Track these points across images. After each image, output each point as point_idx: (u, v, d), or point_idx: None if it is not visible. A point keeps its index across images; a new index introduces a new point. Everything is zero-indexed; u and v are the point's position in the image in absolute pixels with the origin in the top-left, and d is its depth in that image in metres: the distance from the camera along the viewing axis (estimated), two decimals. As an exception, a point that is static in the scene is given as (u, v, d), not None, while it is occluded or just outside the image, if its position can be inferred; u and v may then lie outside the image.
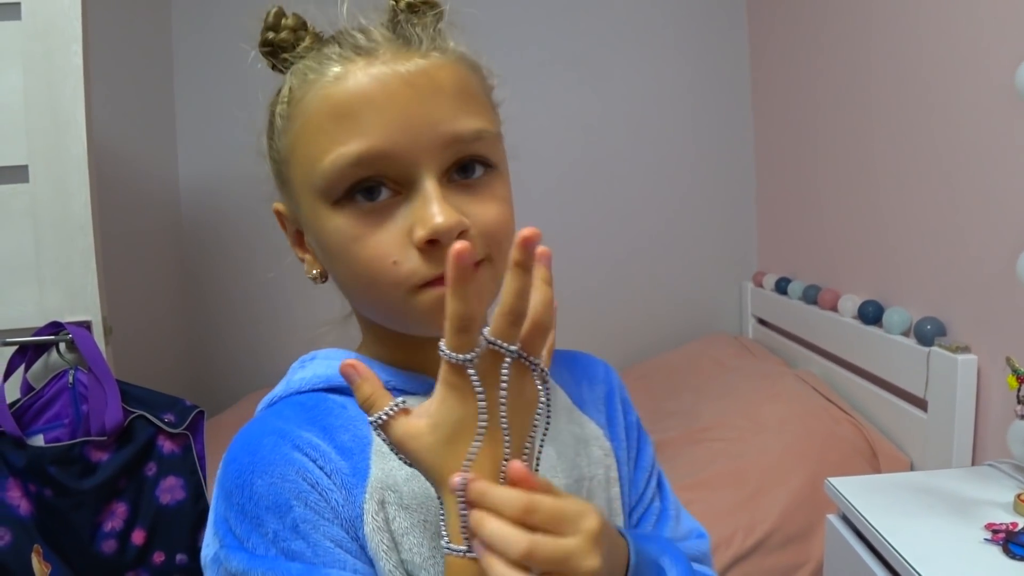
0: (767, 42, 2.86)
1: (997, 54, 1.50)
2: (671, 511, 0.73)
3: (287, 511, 0.53)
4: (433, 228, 0.52)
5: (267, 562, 0.52)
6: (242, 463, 0.55)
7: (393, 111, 0.53)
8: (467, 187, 0.56)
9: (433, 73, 0.55)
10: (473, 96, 0.58)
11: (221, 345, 3.11)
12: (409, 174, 0.54)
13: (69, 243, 1.60)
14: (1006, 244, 1.49)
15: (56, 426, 1.51)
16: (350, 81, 0.54)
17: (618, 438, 0.72)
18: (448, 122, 0.54)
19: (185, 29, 3.00)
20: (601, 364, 0.78)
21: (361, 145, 0.53)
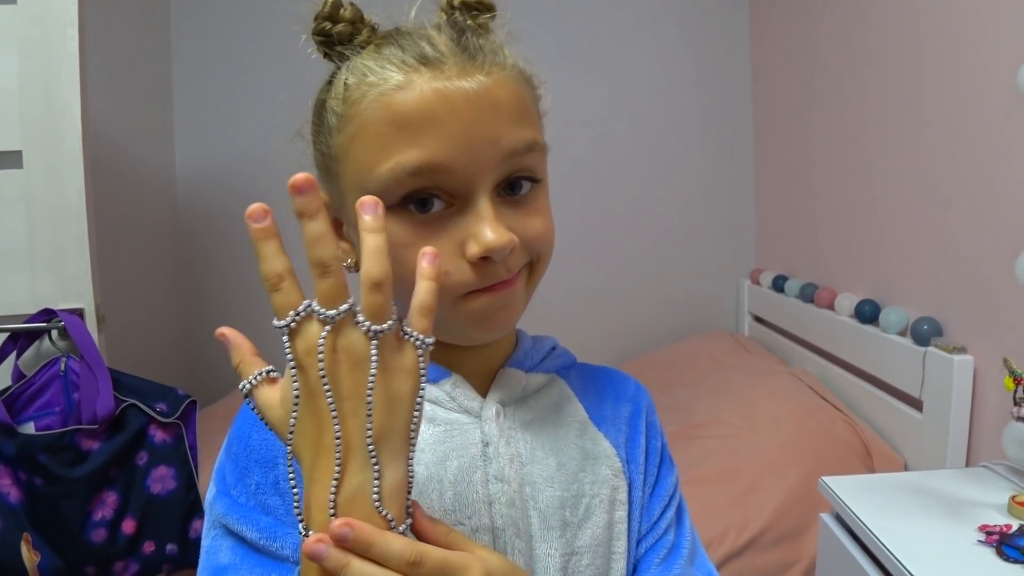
0: (768, 40, 2.85)
1: (998, 54, 1.49)
2: (685, 548, 0.70)
3: (272, 467, 0.57)
4: (487, 246, 0.54)
5: (244, 511, 0.56)
6: (247, 417, 0.60)
7: (455, 127, 0.54)
8: (514, 203, 0.58)
9: (494, 91, 0.56)
10: (527, 110, 0.59)
11: (214, 336, 3.09)
12: (464, 189, 0.55)
13: (63, 230, 1.59)
14: (1004, 245, 1.48)
15: (47, 414, 1.50)
16: (414, 92, 0.54)
17: (636, 461, 0.71)
18: (504, 140, 0.55)
19: (183, 15, 2.98)
20: (633, 383, 0.77)
21: (421, 157, 0.54)
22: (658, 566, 0.68)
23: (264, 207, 0.46)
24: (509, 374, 0.67)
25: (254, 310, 3.08)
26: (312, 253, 0.45)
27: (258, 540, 0.55)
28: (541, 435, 0.65)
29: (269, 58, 2.99)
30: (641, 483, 0.70)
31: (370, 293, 0.45)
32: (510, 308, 0.59)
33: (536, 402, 0.68)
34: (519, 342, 0.70)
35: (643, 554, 0.69)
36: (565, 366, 0.73)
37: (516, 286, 0.58)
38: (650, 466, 0.72)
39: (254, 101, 3.01)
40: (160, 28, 2.93)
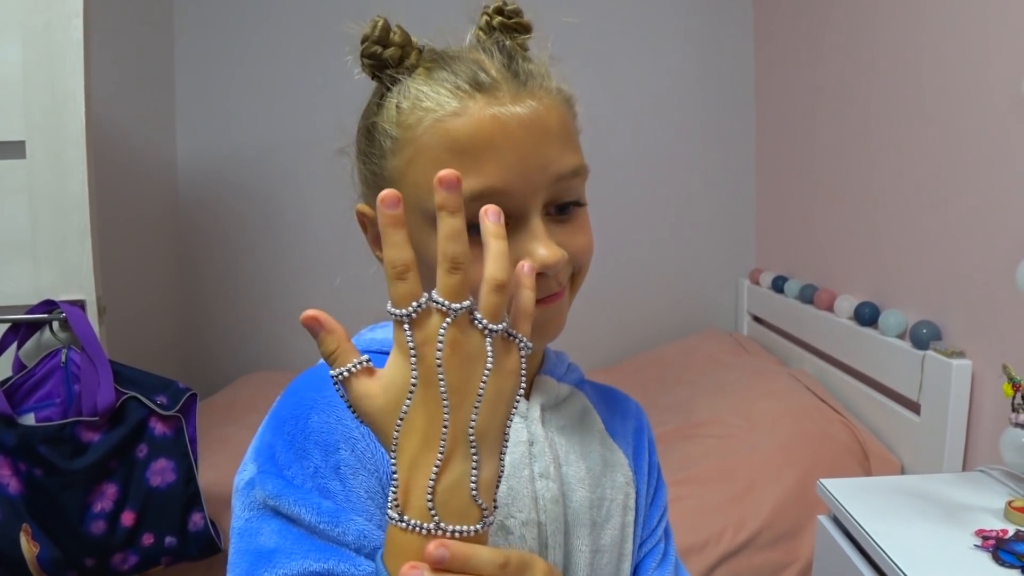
0: (771, 42, 2.84)
1: (1001, 60, 1.50)
2: (672, 558, 0.77)
3: (334, 451, 0.56)
4: (543, 263, 0.56)
5: (301, 493, 0.54)
6: (303, 397, 0.59)
7: (511, 153, 0.56)
8: (562, 221, 0.61)
9: (545, 115, 0.58)
10: (571, 134, 0.62)
11: (216, 327, 3.10)
12: (518, 210, 0.58)
13: (65, 221, 1.59)
14: (1005, 251, 1.48)
15: (47, 405, 1.51)
16: (471, 119, 0.57)
17: (641, 471, 0.76)
18: (555, 163, 0.58)
19: (186, 5, 2.98)
20: (633, 403, 0.82)
21: (480, 183, 0.56)
22: (654, 570, 0.75)
23: (397, 195, 0.45)
24: (546, 381, 0.71)
25: (254, 301, 3.09)
26: (446, 247, 0.45)
27: (317, 524, 0.53)
28: (572, 440, 0.70)
29: (271, 49, 2.99)
30: (645, 492, 0.76)
31: (491, 294, 0.46)
32: (559, 317, 0.62)
33: (567, 409, 0.72)
34: (545, 354, 0.74)
35: (643, 558, 0.75)
36: (580, 380, 0.77)
37: (564, 298, 0.62)
38: (651, 478, 0.78)
39: (256, 92, 3.01)
40: (163, 18, 2.93)
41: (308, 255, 3.06)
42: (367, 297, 3.20)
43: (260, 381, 2.75)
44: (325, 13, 2.98)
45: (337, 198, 2.66)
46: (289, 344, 3.10)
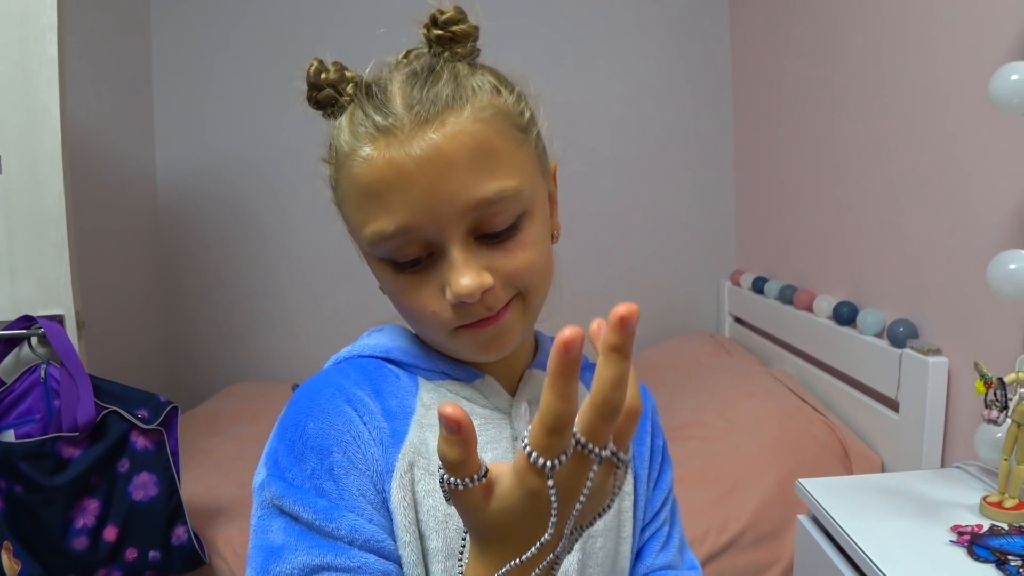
0: (748, 44, 2.87)
1: (971, 61, 1.52)
2: (676, 540, 0.78)
3: (328, 454, 0.61)
4: (456, 294, 0.59)
5: (300, 493, 0.59)
6: (301, 406, 0.64)
7: (412, 191, 0.58)
8: (494, 244, 0.61)
9: (447, 149, 0.58)
10: (491, 154, 0.60)
11: (198, 338, 3.09)
12: (437, 241, 0.60)
13: (42, 235, 1.59)
14: (977, 250, 1.51)
15: (27, 421, 1.50)
16: (372, 165, 0.59)
17: (641, 457, 0.77)
18: (465, 192, 0.58)
19: (163, 17, 2.97)
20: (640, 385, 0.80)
21: (389, 224, 0.59)
22: (658, 553, 0.76)
23: (577, 338, 0.41)
24: (534, 375, 0.72)
25: (236, 312, 3.08)
26: (608, 393, 0.41)
27: (314, 520, 0.58)
28: None
29: (249, 60, 2.99)
30: (645, 477, 0.77)
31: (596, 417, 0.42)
32: (501, 338, 0.64)
33: None
34: (539, 344, 0.76)
35: (646, 541, 0.76)
36: (582, 368, 0.75)
37: (503, 319, 0.63)
38: (653, 463, 0.78)
39: (235, 103, 3.00)
40: (140, 30, 2.92)
41: (289, 264, 3.06)
42: (350, 303, 3.19)
43: (243, 392, 2.74)
44: (301, 24, 2.98)
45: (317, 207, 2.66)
46: (272, 354, 3.10)
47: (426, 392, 0.68)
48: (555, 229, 0.72)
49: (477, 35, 0.65)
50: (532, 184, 0.63)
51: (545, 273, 0.65)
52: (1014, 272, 1.22)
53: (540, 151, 0.67)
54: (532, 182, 0.64)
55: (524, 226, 0.62)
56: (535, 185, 0.64)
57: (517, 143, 0.63)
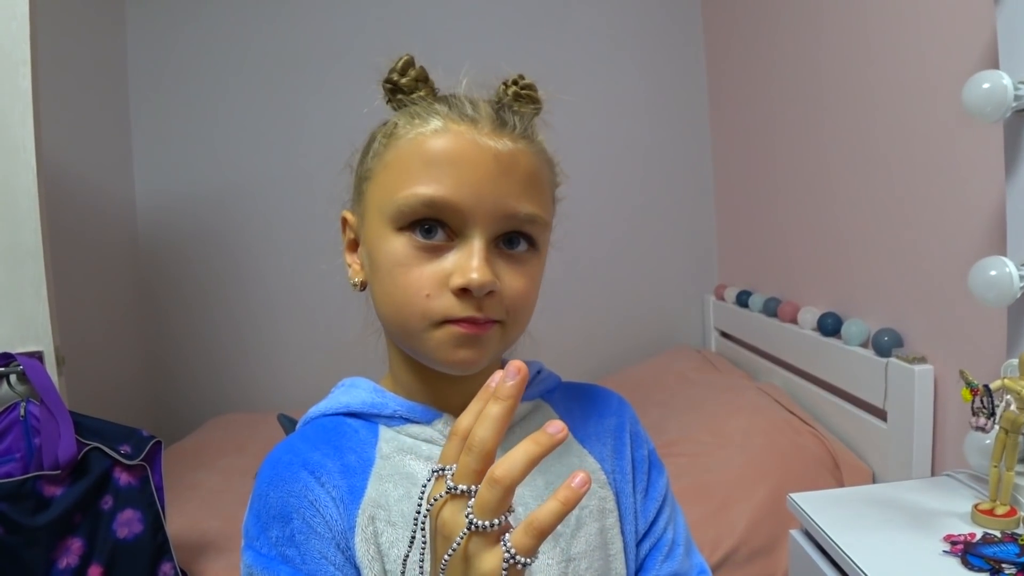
0: (724, 58, 2.90)
1: (945, 71, 1.54)
2: (680, 548, 0.77)
3: (288, 521, 0.63)
4: (468, 280, 0.60)
5: (267, 561, 0.62)
6: (265, 476, 0.66)
7: (473, 175, 0.62)
8: (509, 257, 0.65)
9: (517, 156, 0.64)
10: (540, 186, 0.67)
11: (180, 371, 3.05)
12: (464, 227, 0.62)
13: (19, 271, 1.57)
14: (958, 257, 1.52)
15: (7, 460, 1.47)
16: (447, 138, 0.63)
17: (622, 471, 0.77)
18: (512, 200, 0.63)
19: (140, 49, 2.96)
20: (615, 398, 0.83)
21: (435, 191, 0.62)
22: (662, 563, 0.75)
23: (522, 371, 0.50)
24: None
25: (220, 343, 3.05)
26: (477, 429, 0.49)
27: None
28: None
29: (227, 89, 2.98)
30: (631, 490, 0.76)
31: (488, 488, 0.47)
32: (476, 351, 0.64)
33: (522, 430, 0.72)
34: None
35: (647, 553, 0.76)
36: (549, 389, 0.79)
37: (486, 334, 0.64)
38: (639, 473, 0.78)
39: (214, 132, 2.99)
40: (116, 62, 2.91)
41: (272, 294, 3.04)
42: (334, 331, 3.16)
43: (229, 424, 2.71)
44: (281, 53, 2.99)
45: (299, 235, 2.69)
46: (256, 385, 3.07)
47: (384, 442, 0.69)
48: None
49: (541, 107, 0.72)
50: (548, 237, 0.70)
51: (527, 314, 0.68)
52: (995, 278, 1.23)
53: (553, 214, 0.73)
54: (549, 235, 0.70)
55: (534, 260, 0.67)
56: (548, 240, 0.70)
57: (552, 197, 0.71)
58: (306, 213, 2.97)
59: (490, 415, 0.48)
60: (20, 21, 1.56)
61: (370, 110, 0.74)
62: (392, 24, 2.94)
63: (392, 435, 0.70)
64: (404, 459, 0.68)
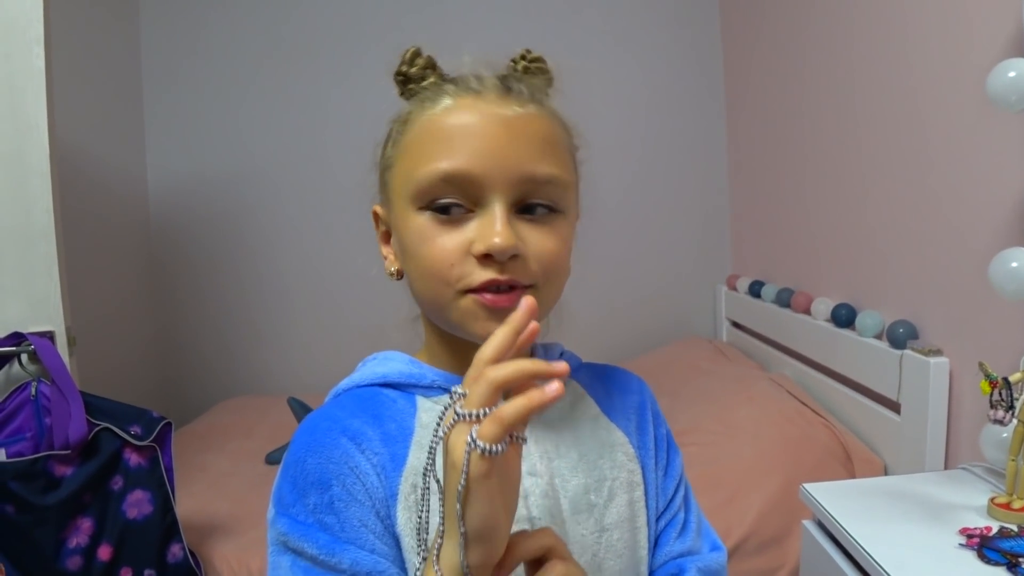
0: (741, 47, 2.87)
1: (969, 59, 1.51)
2: (693, 524, 0.79)
3: (327, 488, 0.62)
4: (489, 245, 0.61)
5: (304, 528, 0.61)
6: (301, 442, 0.65)
7: (484, 143, 0.63)
8: (531, 220, 0.65)
9: (527, 120, 0.65)
10: (555, 146, 0.67)
11: (191, 352, 3.06)
12: (483, 196, 0.63)
13: (30, 251, 1.57)
14: (978, 248, 1.50)
15: (18, 440, 1.47)
16: (457, 113, 0.65)
17: (646, 446, 0.78)
18: (527, 163, 0.63)
19: (153, 28, 2.95)
20: (635, 378, 0.86)
21: (451, 165, 0.63)
22: (675, 540, 0.77)
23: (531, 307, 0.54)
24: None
25: (230, 325, 3.06)
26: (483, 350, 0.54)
27: (317, 555, 0.60)
28: (563, 431, 0.73)
29: (240, 69, 2.98)
30: (653, 466, 0.78)
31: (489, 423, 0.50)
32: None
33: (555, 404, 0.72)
34: (532, 352, 0.78)
35: (663, 529, 0.77)
36: (575, 368, 0.80)
37: (513, 304, 0.62)
38: (659, 451, 0.80)
39: (226, 113, 2.99)
40: (129, 41, 2.90)
41: (283, 276, 3.04)
42: (345, 314, 3.16)
43: (238, 407, 2.72)
44: (293, 33, 2.97)
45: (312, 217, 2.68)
46: (266, 368, 3.07)
47: (424, 412, 0.70)
48: None
49: (552, 78, 0.74)
50: (572, 197, 0.70)
51: (560, 278, 0.68)
52: (1016, 270, 1.21)
53: (578, 187, 0.73)
54: (573, 196, 0.70)
55: (559, 221, 0.67)
56: (574, 200, 0.70)
57: (572, 156, 0.71)
58: (319, 195, 2.96)
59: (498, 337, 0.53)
60: (34, 0, 1.56)
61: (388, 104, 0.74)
62: (405, 5, 2.92)
63: (430, 405, 0.70)
64: None
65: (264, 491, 2.09)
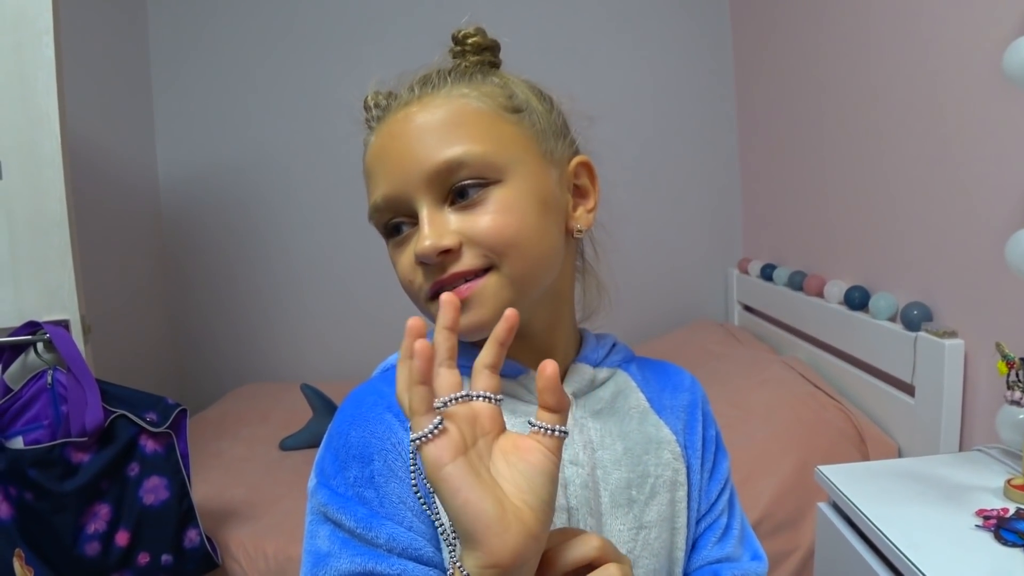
0: (751, 29, 2.84)
1: (984, 38, 1.49)
2: (735, 530, 0.77)
3: (368, 462, 0.63)
4: (415, 252, 0.62)
5: (343, 500, 0.62)
6: (346, 414, 0.67)
7: (389, 162, 0.64)
8: (466, 206, 0.63)
9: (417, 116, 0.64)
10: (461, 123, 0.64)
11: (204, 339, 3.08)
12: (412, 208, 0.64)
13: (45, 240, 1.57)
14: (993, 229, 1.48)
15: (35, 428, 1.49)
16: (375, 144, 0.67)
17: (693, 446, 0.76)
18: (432, 155, 0.62)
19: (161, 18, 2.95)
20: (688, 376, 0.84)
21: (378, 195, 0.65)
22: (714, 545, 0.75)
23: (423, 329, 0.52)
24: (580, 368, 0.73)
25: (243, 312, 3.07)
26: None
27: (355, 528, 0.61)
28: (609, 423, 0.72)
29: (249, 59, 2.97)
30: (699, 467, 0.76)
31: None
32: (472, 313, 0.62)
33: (603, 393, 0.74)
34: (584, 340, 0.78)
35: (702, 532, 0.76)
36: (626, 360, 0.80)
37: (472, 291, 0.62)
38: (707, 452, 0.78)
39: (236, 102, 2.99)
40: (138, 31, 2.90)
41: (295, 263, 3.05)
42: (357, 302, 3.16)
43: (251, 393, 2.73)
44: (301, 23, 2.97)
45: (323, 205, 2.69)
46: (279, 355, 3.09)
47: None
48: (576, 222, 0.73)
49: (493, 47, 0.72)
50: (514, 159, 0.65)
51: (523, 244, 0.63)
52: (1033, 250, 1.20)
53: (544, 136, 0.69)
54: (514, 157, 0.65)
55: (496, 193, 0.63)
56: (520, 161, 0.65)
57: (498, 119, 0.66)
58: (329, 184, 2.96)
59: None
60: (43, -11, 1.56)
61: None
62: (413, -6, 2.91)
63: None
64: None
65: (279, 477, 2.12)
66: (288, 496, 1.85)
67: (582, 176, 0.75)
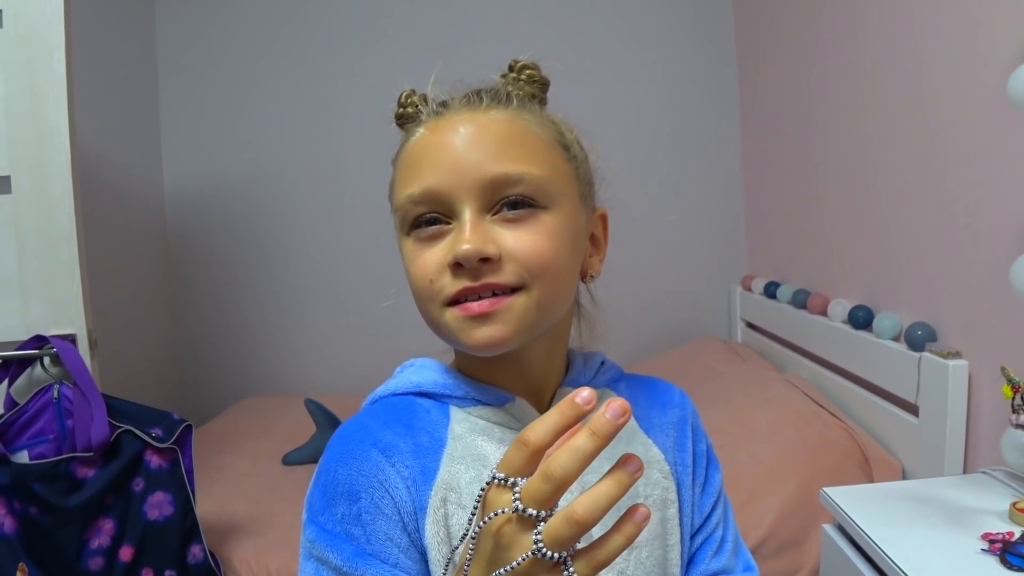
0: (754, 45, 2.86)
1: (989, 59, 1.50)
2: (729, 544, 0.78)
3: (356, 500, 0.63)
4: (455, 253, 0.61)
5: (331, 538, 0.62)
6: (334, 451, 0.66)
7: (443, 157, 0.64)
8: (511, 220, 0.63)
9: (484, 123, 0.65)
10: (521, 144, 0.65)
11: (208, 355, 3.08)
12: (454, 208, 0.63)
13: (53, 254, 1.58)
14: (998, 249, 1.49)
15: (41, 442, 1.49)
16: (424, 137, 0.67)
17: (683, 463, 0.77)
18: (487, 165, 0.63)
19: (169, 32, 2.97)
20: (678, 392, 0.84)
21: (418, 186, 0.64)
22: (711, 558, 0.76)
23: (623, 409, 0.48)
24: (566, 393, 0.71)
25: (247, 327, 3.08)
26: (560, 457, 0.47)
27: (341, 566, 0.61)
28: None
29: (254, 77, 2.99)
30: (690, 483, 0.77)
31: (567, 526, 0.47)
32: (494, 328, 0.62)
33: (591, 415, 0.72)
34: (571, 362, 0.77)
35: (698, 547, 0.77)
36: (615, 379, 0.80)
37: (500, 306, 0.62)
38: (698, 467, 0.79)
39: (241, 117, 3.00)
40: (146, 47, 2.92)
41: (299, 278, 3.05)
42: (361, 316, 3.17)
43: (254, 407, 2.73)
44: (306, 39, 2.99)
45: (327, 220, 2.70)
46: (283, 369, 3.09)
47: (457, 423, 0.69)
48: (589, 268, 0.75)
49: (545, 83, 0.74)
50: (561, 192, 0.67)
51: (556, 273, 0.64)
52: (1038, 273, 1.20)
53: (583, 181, 0.72)
54: (562, 190, 0.67)
55: (542, 216, 0.64)
56: (566, 195, 0.67)
57: (553, 151, 0.68)
58: (333, 198, 2.98)
59: (580, 449, 0.47)
60: (54, 5, 1.57)
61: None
62: (420, 4, 2.93)
63: (464, 416, 0.70)
64: (476, 440, 0.68)
65: (282, 492, 2.11)
66: (291, 511, 1.85)
67: (599, 227, 0.78)
